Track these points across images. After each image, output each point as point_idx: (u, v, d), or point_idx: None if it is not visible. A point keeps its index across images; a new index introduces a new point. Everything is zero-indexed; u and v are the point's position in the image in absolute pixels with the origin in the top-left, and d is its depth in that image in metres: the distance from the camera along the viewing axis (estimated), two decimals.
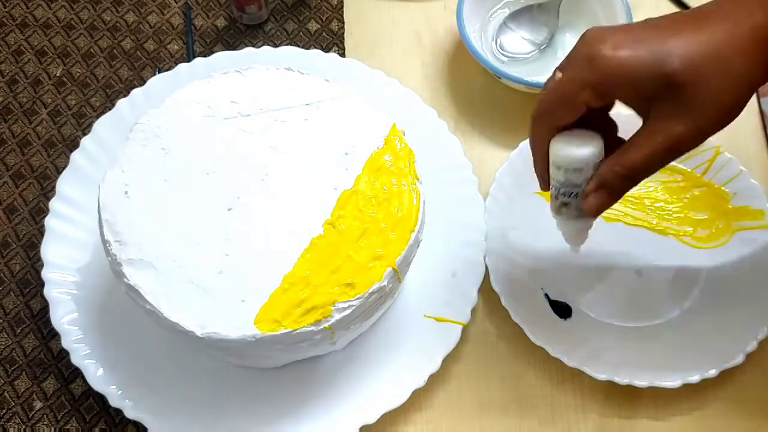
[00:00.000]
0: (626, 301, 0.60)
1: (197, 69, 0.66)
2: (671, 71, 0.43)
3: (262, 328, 0.48)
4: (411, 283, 0.59)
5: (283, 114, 0.55)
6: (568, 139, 0.47)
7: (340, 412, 0.56)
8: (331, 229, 0.51)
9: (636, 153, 0.45)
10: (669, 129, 0.44)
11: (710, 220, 0.63)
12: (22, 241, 0.64)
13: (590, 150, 0.46)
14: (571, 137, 0.47)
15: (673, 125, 0.44)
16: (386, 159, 0.54)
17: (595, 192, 0.47)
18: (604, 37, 0.44)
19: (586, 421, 0.58)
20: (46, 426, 0.58)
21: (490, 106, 0.69)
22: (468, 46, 0.66)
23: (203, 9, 0.73)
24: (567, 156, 0.47)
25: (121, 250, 0.50)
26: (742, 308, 0.59)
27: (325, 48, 0.71)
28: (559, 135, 0.48)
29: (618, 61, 0.43)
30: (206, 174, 0.53)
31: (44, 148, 0.67)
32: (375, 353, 0.58)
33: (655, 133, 0.44)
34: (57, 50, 0.71)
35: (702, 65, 0.43)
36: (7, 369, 0.59)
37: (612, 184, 0.46)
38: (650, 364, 0.57)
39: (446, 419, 0.58)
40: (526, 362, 0.59)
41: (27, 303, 0.61)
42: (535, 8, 0.70)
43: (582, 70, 0.45)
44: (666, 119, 0.44)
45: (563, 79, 0.46)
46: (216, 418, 0.56)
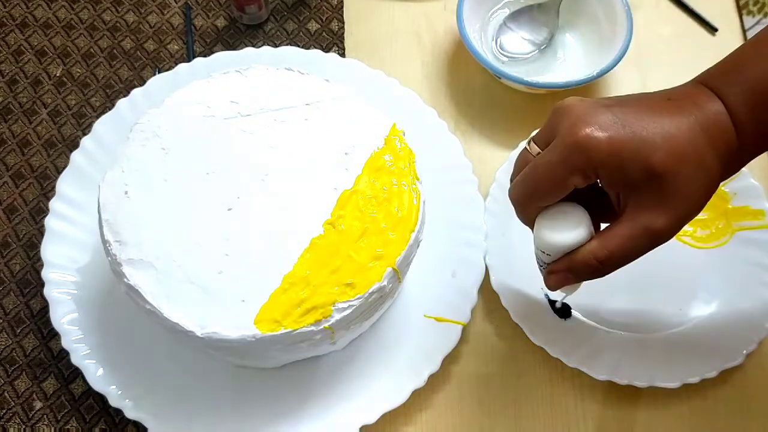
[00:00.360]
0: (626, 301, 0.60)
1: (197, 69, 0.66)
2: (655, 162, 0.43)
3: (262, 328, 0.48)
4: (411, 283, 0.59)
5: (283, 114, 0.55)
6: (553, 221, 0.46)
7: (340, 412, 0.56)
8: (331, 229, 0.51)
9: (614, 245, 0.45)
10: (650, 222, 0.44)
11: (710, 220, 0.63)
12: (22, 241, 0.64)
13: (573, 238, 0.46)
14: (556, 219, 0.46)
15: (653, 218, 0.44)
16: (386, 159, 0.54)
17: (562, 273, 0.47)
18: (590, 118, 0.44)
19: (586, 421, 0.58)
20: (46, 426, 0.58)
21: (490, 106, 0.69)
22: (468, 46, 0.66)
23: (203, 9, 0.73)
24: (550, 244, 0.46)
25: (121, 250, 0.50)
26: (742, 308, 0.59)
27: (325, 48, 0.71)
28: (545, 213, 0.47)
29: (609, 149, 0.43)
30: (206, 174, 0.53)
31: (44, 148, 0.67)
32: (375, 353, 0.58)
33: (635, 225, 0.44)
34: (57, 50, 0.71)
35: (681, 158, 0.43)
36: (7, 369, 0.59)
37: (581, 272, 0.46)
38: (650, 364, 0.57)
39: (446, 419, 0.58)
40: (526, 362, 0.59)
41: (27, 303, 0.61)
42: (535, 8, 0.70)
43: (571, 155, 0.43)
44: (646, 211, 0.44)
45: (549, 163, 0.44)
46: (216, 418, 0.56)
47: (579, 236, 0.46)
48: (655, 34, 0.72)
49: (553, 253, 0.47)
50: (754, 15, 0.73)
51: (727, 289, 0.60)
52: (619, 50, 0.65)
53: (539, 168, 0.45)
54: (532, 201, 0.47)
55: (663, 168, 0.43)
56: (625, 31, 0.66)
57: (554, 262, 0.47)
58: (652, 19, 0.73)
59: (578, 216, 0.46)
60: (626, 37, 0.65)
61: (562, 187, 0.45)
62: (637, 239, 0.44)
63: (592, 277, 0.47)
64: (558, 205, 0.47)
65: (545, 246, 0.47)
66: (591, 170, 0.44)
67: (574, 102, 0.45)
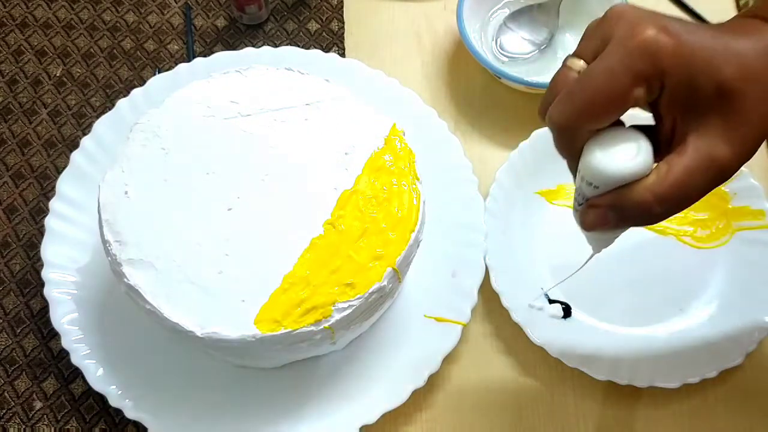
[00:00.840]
0: (626, 301, 0.60)
1: (197, 69, 0.66)
2: (726, 77, 0.37)
3: (262, 328, 0.48)
4: (411, 283, 0.59)
5: (283, 114, 0.55)
6: (609, 145, 0.38)
7: (340, 412, 0.56)
8: (331, 229, 0.51)
9: (674, 178, 0.38)
10: (714, 149, 0.38)
11: (710, 220, 0.63)
12: (22, 241, 0.64)
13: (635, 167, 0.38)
14: (613, 142, 0.38)
15: (718, 146, 0.38)
16: (386, 159, 0.54)
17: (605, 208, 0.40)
18: (654, 20, 0.37)
19: (586, 421, 0.58)
20: (46, 426, 0.58)
21: (490, 106, 0.69)
22: (468, 46, 0.66)
23: (203, 9, 0.73)
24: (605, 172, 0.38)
25: (121, 250, 0.50)
26: (742, 308, 0.59)
27: (325, 48, 0.71)
28: (597, 137, 0.39)
29: (680, 53, 0.37)
30: (206, 174, 0.53)
31: (44, 148, 0.67)
32: (375, 353, 0.58)
33: (698, 154, 0.38)
34: (57, 50, 0.71)
35: (753, 77, 0.37)
36: (7, 369, 0.59)
37: (630, 211, 0.39)
38: (650, 364, 0.57)
39: (446, 419, 0.58)
40: (526, 362, 0.59)
41: (27, 303, 0.61)
42: (535, 8, 0.70)
43: (636, 59, 0.37)
44: (710, 137, 0.38)
45: (608, 70, 0.37)
46: (216, 418, 0.56)
47: (640, 165, 0.38)
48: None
49: (604, 186, 0.39)
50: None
51: (727, 289, 0.60)
52: None
53: (594, 78, 0.38)
54: (585, 120, 0.38)
55: (734, 84, 0.37)
56: None
57: (597, 197, 0.40)
58: None
59: (640, 142, 0.38)
60: None
61: (624, 101, 0.37)
62: (700, 172, 0.38)
63: (639, 222, 0.40)
64: (613, 128, 0.39)
65: (597, 175, 0.38)
66: (657, 80, 0.37)
67: (629, 6, 0.39)
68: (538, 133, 0.64)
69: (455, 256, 0.60)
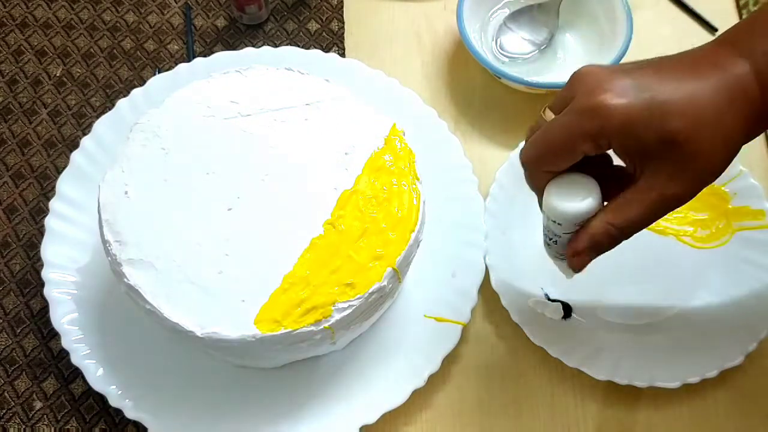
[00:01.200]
0: (626, 301, 0.60)
1: (197, 69, 0.66)
2: (671, 129, 0.42)
3: (262, 328, 0.48)
4: (411, 283, 0.59)
5: (283, 114, 0.55)
6: (563, 189, 0.46)
7: (340, 412, 0.56)
8: (331, 229, 0.51)
9: (631, 211, 0.44)
10: (665, 188, 0.43)
11: (710, 220, 0.63)
12: (22, 241, 0.64)
13: (584, 207, 0.45)
14: (566, 187, 0.46)
15: (669, 185, 0.43)
16: (386, 159, 0.54)
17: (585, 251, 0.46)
18: (608, 84, 0.43)
19: (586, 421, 0.58)
20: (46, 426, 0.58)
21: (490, 106, 0.69)
22: (468, 46, 0.66)
23: (203, 9, 0.73)
24: (559, 212, 0.46)
25: (121, 250, 0.50)
26: (742, 308, 0.59)
27: (325, 48, 0.71)
28: (555, 181, 0.46)
29: (623, 117, 0.42)
30: (206, 174, 0.53)
31: (44, 148, 0.67)
32: (375, 353, 0.58)
33: (650, 192, 0.43)
34: (57, 50, 0.71)
35: (700, 122, 0.42)
36: (7, 369, 0.59)
37: (601, 243, 0.45)
38: (650, 365, 0.57)
39: (446, 419, 0.58)
40: (526, 362, 0.59)
41: (27, 303, 0.61)
42: (535, 8, 0.70)
43: (584, 120, 0.43)
44: (662, 178, 0.43)
45: (562, 126, 0.44)
46: (216, 418, 0.56)
47: (589, 205, 0.45)
48: (655, 34, 0.72)
49: (564, 223, 0.46)
50: None
51: (727, 289, 0.60)
52: (619, 50, 0.65)
53: (551, 131, 0.44)
54: (542, 165, 0.46)
55: (679, 134, 0.42)
56: (625, 31, 0.66)
57: (573, 242, 0.47)
58: (652, 19, 0.73)
59: (588, 185, 0.46)
60: (626, 37, 0.65)
61: (572, 153, 0.44)
62: (652, 205, 0.44)
63: (610, 248, 0.46)
64: (569, 173, 0.46)
65: (555, 214, 0.46)
66: (603, 138, 0.43)
67: (592, 68, 0.44)
68: None
69: (455, 256, 0.60)
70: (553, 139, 0.44)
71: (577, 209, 0.45)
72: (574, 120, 0.43)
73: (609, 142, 0.43)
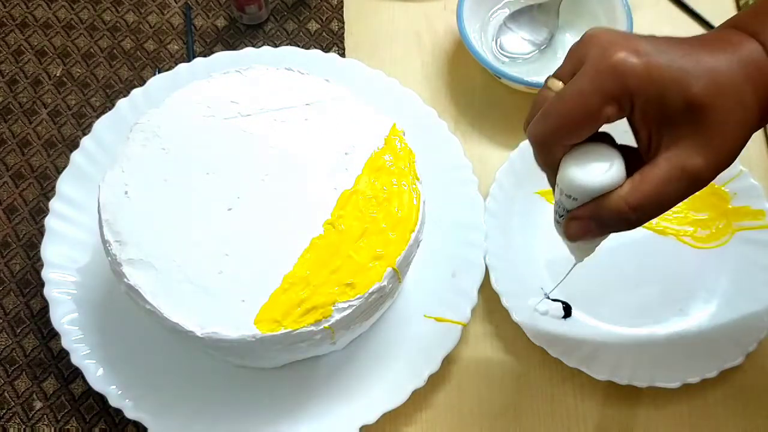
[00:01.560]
0: (626, 300, 0.60)
1: (197, 69, 0.66)
2: (696, 93, 0.39)
3: (262, 328, 0.48)
4: (411, 283, 0.59)
5: (283, 114, 0.55)
6: (582, 160, 0.41)
7: (340, 412, 0.56)
8: (331, 229, 0.51)
9: (648, 188, 0.40)
10: (687, 161, 0.39)
11: (710, 220, 0.63)
12: (22, 241, 0.64)
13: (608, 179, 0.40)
14: (586, 158, 0.41)
15: (691, 157, 0.39)
16: (386, 159, 0.54)
17: (586, 220, 0.42)
18: (625, 42, 0.39)
19: (586, 421, 0.58)
20: (46, 426, 0.58)
21: (490, 106, 0.69)
22: (468, 46, 0.66)
23: (203, 9, 0.73)
24: (578, 185, 0.41)
25: (121, 250, 0.50)
26: (742, 308, 0.59)
27: (325, 48, 0.71)
28: (572, 152, 0.42)
29: (648, 74, 0.39)
30: (206, 174, 0.53)
31: (44, 148, 0.67)
32: (375, 353, 0.58)
33: (670, 165, 0.40)
34: (57, 50, 0.71)
35: (722, 92, 0.39)
36: (7, 369, 0.59)
37: (609, 220, 0.41)
38: (650, 364, 0.57)
39: (446, 419, 0.58)
40: (526, 362, 0.59)
41: (27, 303, 0.61)
42: (535, 8, 0.70)
43: (606, 80, 0.39)
44: (683, 148, 0.39)
45: (581, 91, 0.40)
46: (216, 418, 0.56)
47: (613, 177, 0.40)
48: (656, 34, 0.72)
49: (581, 197, 0.41)
50: None
51: (727, 289, 0.60)
52: None
53: (568, 98, 0.40)
54: (560, 138, 0.41)
55: (704, 100, 0.39)
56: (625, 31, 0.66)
57: (578, 208, 0.42)
58: (652, 19, 0.73)
59: (611, 154, 0.41)
60: None
61: (596, 119, 0.40)
62: (673, 182, 0.40)
63: (618, 228, 0.42)
64: (587, 143, 0.41)
65: (573, 188, 0.41)
66: (626, 99, 0.39)
67: (602, 29, 0.41)
68: None
69: (455, 256, 0.60)
70: (571, 106, 0.40)
71: (599, 182, 0.40)
72: (594, 82, 0.39)
73: (632, 105, 0.40)
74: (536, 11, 0.70)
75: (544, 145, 0.42)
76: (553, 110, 0.41)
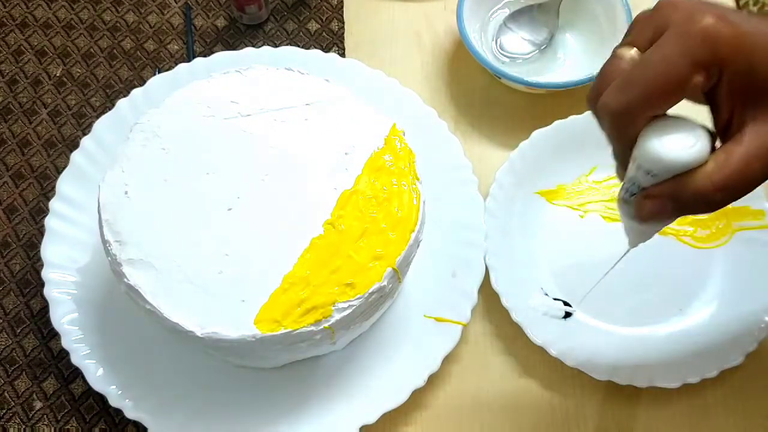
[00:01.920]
0: (626, 300, 0.60)
1: (197, 69, 0.66)
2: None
3: (262, 328, 0.48)
4: (411, 283, 0.59)
5: (283, 114, 0.55)
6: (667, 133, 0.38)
7: (340, 412, 0.56)
8: (331, 229, 0.51)
9: (734, 165, 0.37)
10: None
11: (710, 220, 0.63)
12: (22, 241, 0.64)
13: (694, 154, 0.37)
14: (672, 131, 0.38)
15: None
16: (386, 159, 0.54)
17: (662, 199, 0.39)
18: (712, 8, 0.37)
19: (586, 421, 0.58)
20: (46, 426, 0.58)
21: (490, 106, 0.69)
22: (468, 46, 0.66)
23: (203, 9, 0.73)
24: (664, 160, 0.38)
25: (121, 250, 0.50)
26: (742, 308, 0.59)
27: (325, 48, 0.71)
28: (655, 124, 0.38)
29: (739, 42, 0.36)
30: (206, 174, 0.53)
31: (44, 148, 0.67)
32: (375, 353, 0.58)
33: (759, 142, 0.37)
34: (57, 50, 0.71)
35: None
36: (7, 369, 0.59)
37: (689, 199, 0.38)
38: (650, 364, 0.57)
39: (446, 419, 0.58)
40: (526, 362, 0.59)
41: (27, 303, 0.61)
42: (535, 8, 0.70)
43: (695, 45, 0.36)
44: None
45: (667, 57, 0.37)
46: (216, 418, 0.56)
47: (700, 152, 0.37)
48: None
49: (662, 174, 0.38)
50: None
51: (727, 289, 0.60)
52: None
53: (654, 65, 0.37)
54: (645, 107, 0.38)
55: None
56: (625, 31, 0.65)
57: (654, 186, 0.39)
58: None
59: (697, 129, 0.38)
60: None
61: (683, 87, 0.37)
62: (759, 159, 0.37)
63: (697, 210, 0.39)
64: (669, 116, 0.39)
65: (655, 162, 0.38)
66: (716, 67, 0.37)
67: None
68: (538, 133, 0.64)
69: (455, 256, 0.60)
70: (657, 74, 0.37)
71: (686, 157, 0.37)
72: (684, 47, 0.37)
73: (720, 74, 0.37)
74: (536, 11, 0.70)
75: (625, 116, 0.39)
76: (638, 78, 0.38)
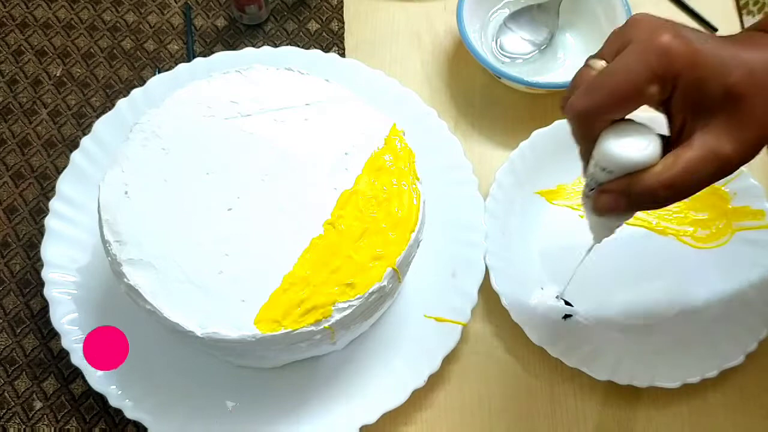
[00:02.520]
0: (626, 300, 0.60)
1: (197, 69, 0.66)
2: (734, 83, 0.40)
3: (262, 328, 0.48)
4: (411, 283, 0.59)
5: (283, 114, 0.55)
6: (623, 135, 0.42)
7: (340, 412, 0.56)
8: (331, 229, 0.51)
9: (679, 168, 0.41)
10: (719, 146, 0.41)
11: (710, 220, 0.63)
12: (22, 241, 0.64)
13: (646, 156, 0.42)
14: (626, 133, 0.42)
15: (723, 143, 0.41)
16: (386, 159, 0.54)
17: (616, 194, 0.43)
18: (671, 27, 0.41)
19: (586, 421, 0.58)
20: (46, 426, 0.58)
21: (490, 106, 0.69)
22: (468, 46, 0.66)
23: (203, 9, 0.73)
24: (617, 159, 0.42)
25: (121, 250, 0.50)
26: (742, 308, 0.59)
27: (325, 48, 0.71)
28: (613, 127, 0.43)
29: (692, 58, 0.40)
30: (206, 174, 0.53)
31: (44, 148, 0.67)
32: (375, 353, 0.58)
33: (702, 148, 0.41)
34: (57, 50, 0.71)
35: (760, 83, 0.41)
36: (7, 369, 0.59)
37: (638, 196, 0.42)
38: (650, 364, 0.57)
39: (446, 419, 0.58)
40: (526, 362, 0.59)
41: (27, 303, 0.61)
42: (535, 8, 0.70)
43: (653, 58, 0.40)
44: (717, 134, 0.41)
45: (627, 68, 0.41)
46: (216, 418, 0.56)
47: (651, 154, 0.42)
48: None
49: (617, 171, 0.42)
50: (754, 15, 0.73)
51: (727, 289, 0.60)
52: None
53: (614, 74, 0.41)
54: (604, 111, 0.42)
55: (742, 89, 0.40)
56: None
57: (610, 182, 0.43)
58: None
59: (650, 133, 0.42)
60: None
61: (640, 95, 0.41)
62: (705, 164, 0.41)
63: (645, 206, 0.44)
64: (626, 121, 0.43)
65: (610, 160, 0.42)
66: (670, 80, 0.41)
67: (649, 15, 0.43)
68: (538, 133, 0.64)
69: (455, 256, 0.60)
70: (619, 80, 0.41)
71: (638, 157, 0.42)
72: (641, 60, 0.41)
73: (673, 86, 0.41)
74: (536, 11, 0.70)
75: (587, 118, 0.43)
76: (600, 84, 0.42)
